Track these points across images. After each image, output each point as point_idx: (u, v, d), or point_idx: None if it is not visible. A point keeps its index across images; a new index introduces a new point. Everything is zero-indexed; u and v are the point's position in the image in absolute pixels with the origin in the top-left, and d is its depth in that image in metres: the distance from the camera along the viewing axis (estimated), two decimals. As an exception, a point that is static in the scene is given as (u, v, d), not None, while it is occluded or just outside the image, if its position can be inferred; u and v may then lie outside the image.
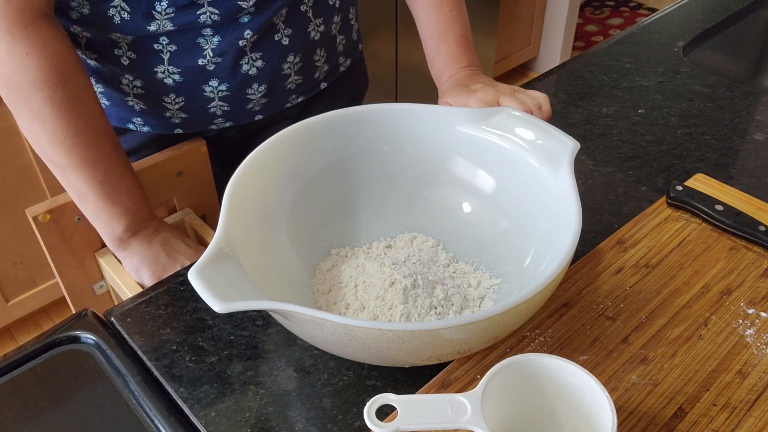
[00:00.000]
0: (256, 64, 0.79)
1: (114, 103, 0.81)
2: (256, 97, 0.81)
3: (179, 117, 0.81)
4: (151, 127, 0.82)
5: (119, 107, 0.81)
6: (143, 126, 0.82)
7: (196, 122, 0.82)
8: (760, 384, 0.56)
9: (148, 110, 0.80)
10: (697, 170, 0.81)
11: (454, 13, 0.85)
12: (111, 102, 0.81)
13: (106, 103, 0.81)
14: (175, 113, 0.81)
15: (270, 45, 0.79)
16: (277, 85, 0.82)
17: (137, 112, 0.81)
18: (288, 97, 0.85)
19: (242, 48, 0.76)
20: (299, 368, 0.60)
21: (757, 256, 0.68)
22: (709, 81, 0.99)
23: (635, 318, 0.62)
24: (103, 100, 0.80)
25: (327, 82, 0.90)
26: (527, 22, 2.67)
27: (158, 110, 0.80)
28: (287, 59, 0.81)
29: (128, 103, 0.80)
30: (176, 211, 0.86)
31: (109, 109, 0.81)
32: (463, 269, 0.67)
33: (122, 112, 0.81)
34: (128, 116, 0.81)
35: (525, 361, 0.49)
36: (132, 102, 0.80)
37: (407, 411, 0.47)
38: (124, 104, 0.80)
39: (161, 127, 0.82)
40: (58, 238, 0.77)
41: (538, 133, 0.66)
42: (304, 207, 0.67)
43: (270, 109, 0.85)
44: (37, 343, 0.63)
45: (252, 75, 0.79)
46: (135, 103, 0.80)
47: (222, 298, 0.47)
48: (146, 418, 0.57)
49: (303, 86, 0.86)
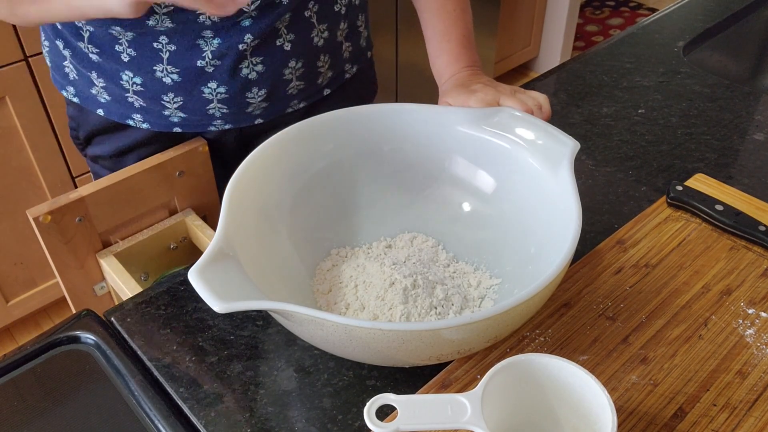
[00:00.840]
0: (257, 69, 0.78)
1: (114, 99, 0.81)
2: (256, 101, 0.81)
3: (178, 116, 0.81)
4: (150, 124, 0.82)
5: (119, 103, 0.81)
6: (143, 123, 0.82)
7: (194, 122, 0.82)
8: (760, 384, 0.56)
9: (147, 107, 0.81)
10: (697, 170, 0.81)
11: (458, 13, 0.85)
12: (112, 97, 0.81)
13: (107, 97, 0.81)
14: (173, 112, 0.81)
15: (271, 50, 0.78)
16: (277, 89, 0.82)
17: (137, 109, 0.81)
18: (289, 102, 0.85)
19: (242, 52, 0.76)
20: (299, 368, 0.60)
21: (757, 256, 0.68)
22: (709, 81, 0.99)
23: (635, 318, 0.62)
24: (104, 95, 0.81)
25: (330, 89, 0.90)
26: (527, 22, 2.67)
27: (157, 108, 0.80)
28: (289, 65, 0.81)
29: (128, 100, 0.80)
30: (177, 211, 0.86)
31: (110, 104, 0.81)
32: (463, 269, 0.67)
33: (122, 108, 0.81)
34: (128, 112, 0.81)
35: (525, 361, 0.49)
36: (132, 98, 0.80)
37: (407, 411, 0.47)
38: (124, 100, 0.80)
39: (160, 125, 0.82)
40: (59, 239, 0.77)
41: (539, 133, 0.66)
42: (304, 207, 0.67)
43: (270, 114, 0.84)
44: (37, 343, 0.63)
45: (252, 79, 0.79)
46: (135, 99, 0.80)
47: (222, 298, 0.47)
48: (146, 418, 0.57)
49: (305, 92, 0.86)
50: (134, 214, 0.82)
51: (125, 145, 0.85)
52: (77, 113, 0.86)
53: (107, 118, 0.83)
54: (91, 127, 0.85)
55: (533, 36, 2.74)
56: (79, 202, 0.76)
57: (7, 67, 1.42)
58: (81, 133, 0.87)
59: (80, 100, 0.83)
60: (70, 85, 0.83)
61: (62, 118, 1.54)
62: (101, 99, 0.81)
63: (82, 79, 0.81)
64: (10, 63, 1.43)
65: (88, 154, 0.90)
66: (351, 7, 0.86)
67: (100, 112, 0.82)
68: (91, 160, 0.90)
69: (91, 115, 0.84)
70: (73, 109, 0.86)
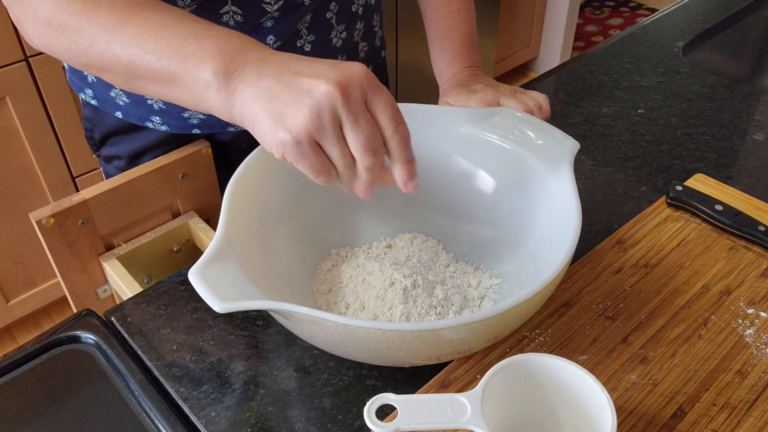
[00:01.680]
0: None
1: (134, 101, 0.80)
2: None
3: (198, 117, 0.81)
4: (169, 126, 0.82)
5: (138, 105, 0.80)
6: (161, 125, 0.82)
7: (214, 123, 0.82)
8: (759, 384, 0.56)
9: (166, 110, 0.80)
10: (697, 170, 0.81)
11: (461, 13, 0.85)
12: (131, 100, 0.80)
13: (126, 100, 0.81)
14: (193, 114, 0.80)
15: (291, 51, 0.78)
16: None
17: (156, 111, 0.81)
18: None
19: None
20: (299, 368, 0.60)
21: (756, 256, 0.68)
22: (708, 81, 0.99)
23: (635, 318, 0.62)
24: (122, 98, 0.80)
25: None
26: (527, 23, 2.67)
27: (177, 110, 0.80)
28: None
29: (147, 102, 0.80)
30: (180, 214, 0.86)
31: (129, 107, 0.81)
32: (463, 269, 0.67)
33: (141, 111, 0.81)
34: (147, 115, 0.81)
35: (525, 361, 0.49)
36: (151, 101, 0.80)
37: (407, 411, 0.47)
38: (143, 103, 0.80)
39: (179, 127, 0.82)
40: (62, 242, 0.77)
41: (538, 133, 0.66)
42: (304, 207, 0.67)
43: None
44: (38, 343, 0.63)
45: None
46: (154, 102, 0.79)
47: (222, 298, 0.47)
48: (146, 418, 0.57)
49: None
50: (137, 216, 0.82)
51: (141, 147, 0.84)
52: (93, 114, 0.85)
53: (125, 120, 0.82)
54: (107, 128, 0.85)
55: (533, 36, 2.74)
56: (81, 205, 0.76)
57: (8, 67, 1.42)
58: (96, 134, 0.87)
59: (98, 102, 0.82)
60: (89, 88, 0.82)
61: (63, 118, 1.54)
62: (120, 102, 0.81)
63: (101, 82, 0.80)
64: (11, 63, 1.43)
65: (102, 154, 0.89)
66: (367, 7, 0.86)
67: (118, 115, 0.82)
68: (105, 160, 0.90)
69: (108, 116, 0.83)
70: (89, 111, 0.85)
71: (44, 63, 1.45)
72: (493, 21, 2.41)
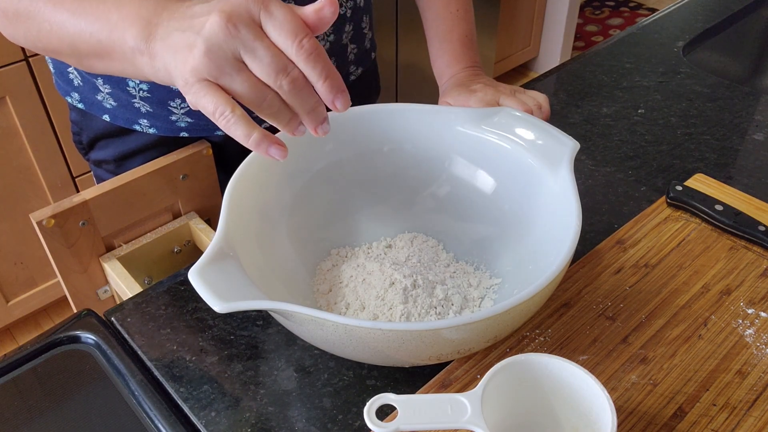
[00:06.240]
0: None
1: (121, 104, 0.80)
2: None
3: (185, 121, 0.81)
4: (157, 129, 0.82)
5: (126, 108, 0.81)
6: (149, 128, 0.82)
7: (201, 127, 0.82)
8: (759, 384, 0.56)
9: (154, 113, 0.80)
10: (697, 170, 0.81)
11: (460, 13, 0.85)
12: (118, 103, 0.80)
13: (113, 103, 0.81)
14: (180, 117, 0.81)
15: None
16: None
17: (144, 114, 0.81)
18: None
19: None
20: (299, 368, 0.60)
21: (756, 256, 0.68)
22: (708, 81, 0.99)
23: (635, 318, 0.62)
24: (110, 101, 0.80)
25: None
26: (527, 22, 2.67)
27: (164, 113, 0.80)
28: None
29: (135, 105, 0.80)
30: (181, 215, 0.86)
31: (116, 110, 0.81)
32: (463, 269, 0.67)
33: (129, 114, 0.81)
34: (135, 118, 0.81)
35: (525, 361, 0.49)
36: (138, 104, 0.80)
37: (407, 411, 0.47)
38: (130, 106, 0.80)
39: (167, 129, 0.82)
40: (63, 243, 0.77)
41: (538, 133, 0.66)
42: (304, 207, 0.67)
43: None
44: (38, 343, 0.63)
45: None
46: (141, 105, 0.80)
47: (222, 298, 0.47)
48: (146, 418, 0.57)
49: None
50: (138, 217, 0.82)
51: (129, 149, 0.85)
52: (80, 118, 0.85)
53: (112, 123, 0.82)
54: (94, 131, 0.85)
55: (533, 36, 2.74)
56: (82, 206, 0.76)
57: (8, 67, 1.43)
58: (84, 138, 0.87)
59: (85, 105, 0.82)
60: (75, 92, 0.83)
61: (63, 118, 1.54)
62: (107, 105, 0.81)
63: (87, 85, 0.81)
64: (11, 63, 1.43)
65: (92, 158, 0.89)
66: (356, 10, 0.86)
67: (105, 118, 0.82)
68: (94, 164, 0.90)
69: (96, 120, 0.83)
70: (76, 114, 0.86)
71: (44, 63, 1.45)
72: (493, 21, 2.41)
